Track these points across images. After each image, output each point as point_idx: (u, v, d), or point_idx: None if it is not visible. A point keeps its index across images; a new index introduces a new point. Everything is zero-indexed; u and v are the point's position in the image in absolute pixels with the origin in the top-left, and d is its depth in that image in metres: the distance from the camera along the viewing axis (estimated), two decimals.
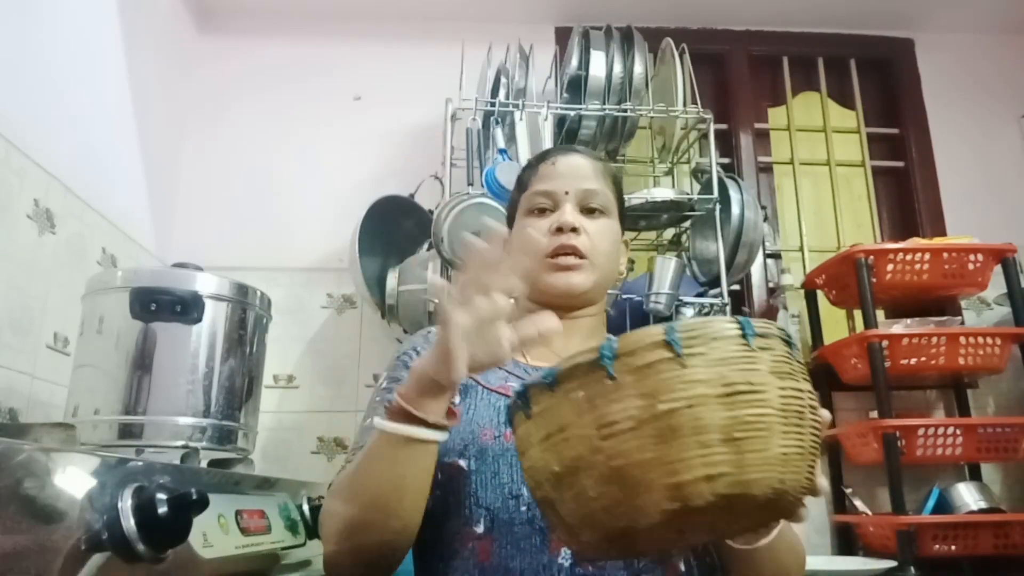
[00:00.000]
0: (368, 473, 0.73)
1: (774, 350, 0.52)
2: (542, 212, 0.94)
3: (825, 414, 0.56)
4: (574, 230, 0.90)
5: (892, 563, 1.64)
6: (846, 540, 1.94)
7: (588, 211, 0.93)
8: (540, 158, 1.00)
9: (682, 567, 0.77)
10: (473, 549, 0.77)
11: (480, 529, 0.77)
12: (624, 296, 1.75)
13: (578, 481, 0.51)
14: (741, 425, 0.48)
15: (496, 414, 0.83)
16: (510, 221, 1.02)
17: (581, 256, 0.90)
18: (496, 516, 0.77)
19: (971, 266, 1.87)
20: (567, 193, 0.93)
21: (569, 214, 0.91)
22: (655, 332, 0.51)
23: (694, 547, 0.79)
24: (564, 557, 0.74)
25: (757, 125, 2.40)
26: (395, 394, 0.70)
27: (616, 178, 1.00)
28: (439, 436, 0.70)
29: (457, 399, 0.86)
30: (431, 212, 1.79)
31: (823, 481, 0.57)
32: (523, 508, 0.76)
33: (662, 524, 0.49)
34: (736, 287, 2.11)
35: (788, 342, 0.54)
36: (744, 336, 0.51)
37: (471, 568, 0.76)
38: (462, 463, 0.80)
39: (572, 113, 1.88)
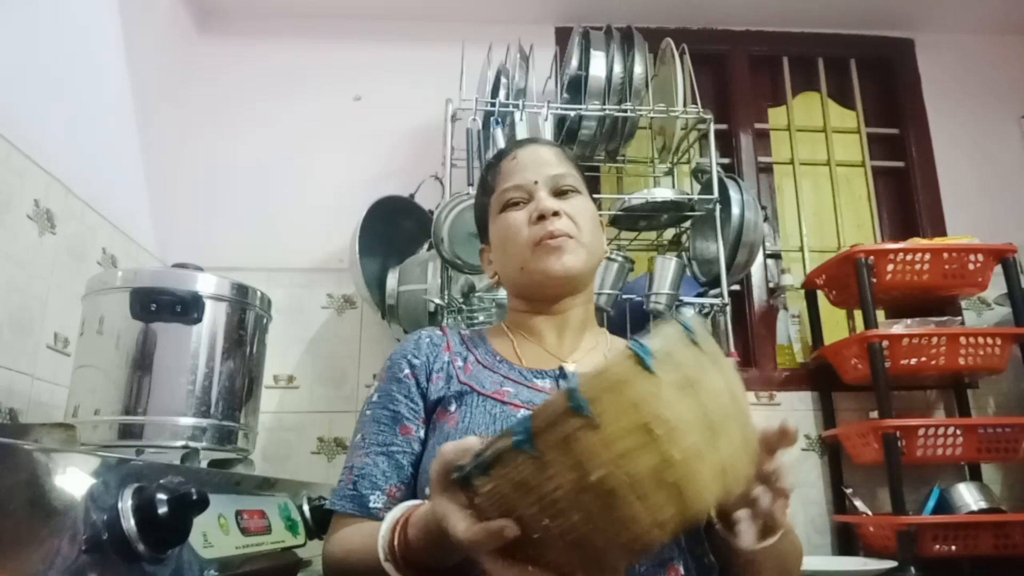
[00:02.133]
0: None
1: (676, 363, 0.51)
2: (516, 205, 0.93)
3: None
4: (556, 214, 0.90)
5: (892, 563, 1.64)
6: (846, 540, 1.94)
7: (561, 193, 0.93)
8: (499, 156, 0.99)
9: (682, 569, 0.77)
10: (473, 560, 0.76)
11: None
12: (624, 296, 1.75)
13: (542, 555, 0.52)
14: (671, 465, 0.48)
15: (492, 421, 0.82)
16: (482, 229, 1.01)
17: (568, 236, 0.90)
18: None
19: (971, 266, 1.87)
20: (537, 182, 0.93)
21: (546, 200, 0.91)
22: (559, 401, 0.50)
23: (691, 548, 0.79)
24: None
25: (757, 125, 2.40)
26: (407, 549, 0.66)
27: (578, 162, 1.00)
28: None
29: (453, 406, 0.86)
30: (431, 212, 1.79)
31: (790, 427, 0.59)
32: None
33: (629, 566, 0.52)
34: (736, 287, 2.11)
35: (690, 338, 0.53)
36: (643, 367, 0.50)
37: None
38: None
39: (572, 113, 1.88)
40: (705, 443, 0.49)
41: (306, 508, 1.12)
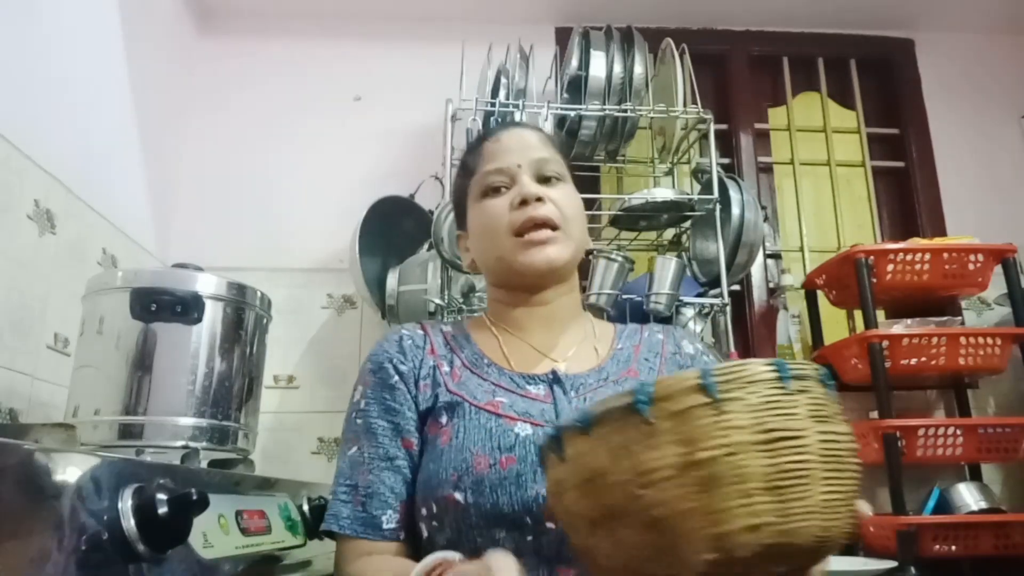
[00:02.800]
0: None
1: (811, 392, 0.51)
2: (497, 191, 0.88)
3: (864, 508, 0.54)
4: (539, 199, 0.85)
5: (892, 563, 1.64)
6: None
7: (545, 180, 0.89)
8: (482, 138, 0.95)
9: None
10: None
11: None
12: (624, 296, 1.75)
13: (617, 528, 0.51)
14: (782, 473, 0.48)
15: (488, 436, 0.78)
16: (459, 214, 0.97)
17: (553, 226, 0.86)
18: (501, 548, 0.69)
19: (971, 266, 1.87)
20: (520, 166, 0.88)
21: (529, 185, 0.86)
22: (690, 376, 0.50)
23: None
24: None
25: (757, 125, 2.40)
26: None
27: (564, 149, 0.96)
28: None
29: (443, 419, 0.82)
30: (431, 212, 1.79)
31: (866, 507, 0.56)
32: (528, 538, 0.73)
33: (703, 574, 0.48)
34: (736, 287, 2.11)
35: (825, 383, 0.53)
36: (780, 379, 0.50)
37: None
38: (458, 496, 0.75)
39: (572, 113, 1.88)
40: (821, 471, 0.49)
41: (306, 508, 1.11)
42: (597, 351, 0.91)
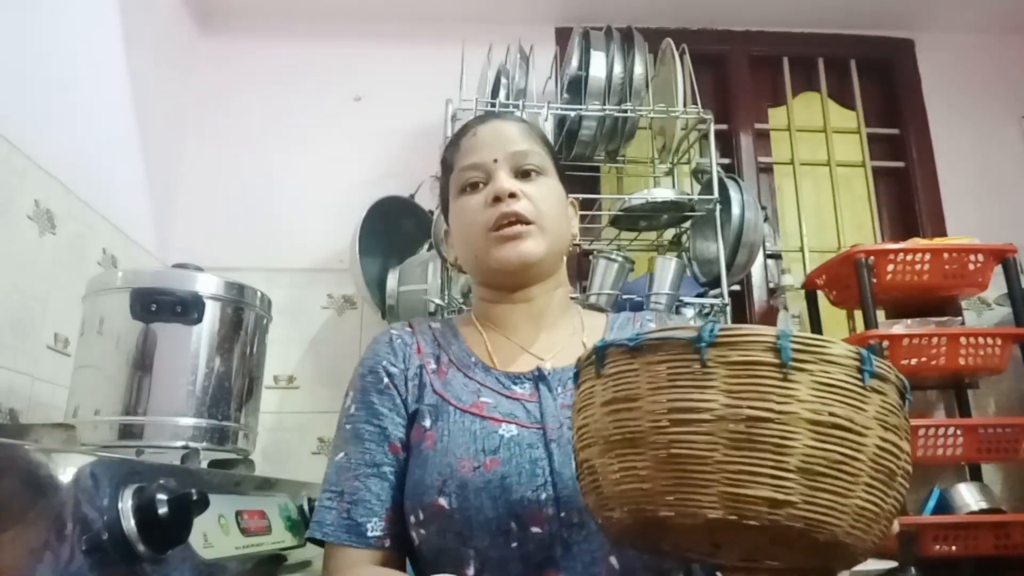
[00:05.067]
0: None
1: (886, 396, 0.49)
2: (475, 187, 0.87)
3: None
4: (512, 195, 0.84)
5: (893, 563, 1.64)
6: None
7: (523, 174, 0.87)
8: (460, 133, 0.93)
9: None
10: None
11: (471, 571, 0.73)
12: (624, 296, 1.75)
13: (631, 456, 0.50)
14: (827, 462, 0.46)
15: (472, 439, 0.76)
16: (445, 211, 0.95)
17: (526, 221, 0.84)
18: (486, 556, 0.72)
19: (971, 266, 1.87)
20: (496, 160, 0.86)
21: (503, 180, 0.85)
22: (766, 331, 0.48)
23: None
24: None
25: (757, 125, 2.40)
26: None
27: (546, 138, 0.94)
28: None
29: (427, 422, 0.80)
30: (431, 212, 1.79)
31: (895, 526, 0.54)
32: (513, 544, 0.72)
33: (703, 528, 0.47)
34: (736, 287, 2.11)
35: (904, 395, 0.51)
36: (860, 371, 0.48)
37: None
38: (443, 502, 0.74)
39: (572, 114, 1.88)
40: (867, 475, 0.47)
41: (306, 508, 1.11)
42: (585, 345, 0.88)
